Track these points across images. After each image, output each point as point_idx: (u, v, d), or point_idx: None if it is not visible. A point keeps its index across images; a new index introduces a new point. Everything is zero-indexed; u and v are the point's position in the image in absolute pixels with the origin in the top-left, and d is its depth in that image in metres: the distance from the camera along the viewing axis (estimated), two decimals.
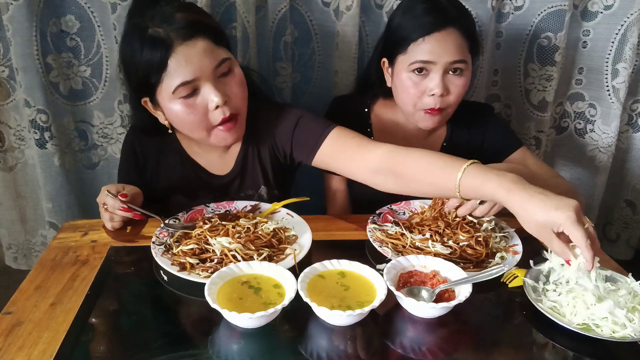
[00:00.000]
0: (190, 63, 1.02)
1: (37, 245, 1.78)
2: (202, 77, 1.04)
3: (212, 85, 1.05)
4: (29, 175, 1.66)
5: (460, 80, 1.22)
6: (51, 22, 1.44)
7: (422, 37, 1.19)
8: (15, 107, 1.56)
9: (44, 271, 0.98)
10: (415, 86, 1.23)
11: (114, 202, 1.09)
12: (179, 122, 1.11)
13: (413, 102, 1.25)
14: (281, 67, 1.58)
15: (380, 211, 1.21)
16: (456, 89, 1.22)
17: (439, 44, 1.18)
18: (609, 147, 1.72)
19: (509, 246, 1.08)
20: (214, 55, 1.05)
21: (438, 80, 1.20)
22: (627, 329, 0.81)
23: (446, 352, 0.81)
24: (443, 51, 1.18)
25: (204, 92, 1.06)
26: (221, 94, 1.06)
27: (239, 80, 1.11)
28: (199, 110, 1.07)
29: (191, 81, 1.04)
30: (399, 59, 1.24)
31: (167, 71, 1.03)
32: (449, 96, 1.23)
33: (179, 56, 1.02)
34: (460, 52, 1.20)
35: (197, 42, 1.03)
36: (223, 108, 1.07)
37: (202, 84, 1.05)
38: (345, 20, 1.49)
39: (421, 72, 1.21)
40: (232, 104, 1.09)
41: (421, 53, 1.19)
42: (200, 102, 1.06)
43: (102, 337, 0.83)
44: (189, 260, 0.97)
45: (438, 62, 1.19)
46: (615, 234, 1.95)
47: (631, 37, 1.55)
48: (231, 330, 0.83)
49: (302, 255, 1.01)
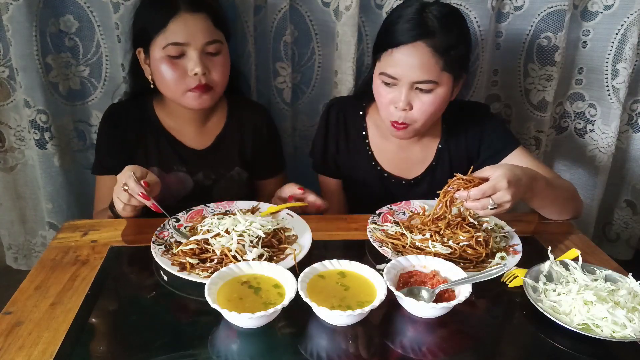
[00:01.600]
0: (186, 29, 1.17)
1: (37, 246, 1.78)
2: (192, 44, 1.18)
3: (198, 55, 1.19)
4: (29, 175, 1.66)
5: (427, 98, 1.16)
6: (50, 22, 1.44)
7: (390, 48, 1.15)
8: (15, 108, 1.56)
9: (44, 271, 0.98)
10: (384, 96, 1.20)
11: (135, 186, 1.07)
12: (160, 76, 1.22)
13: (384, 110, 1.23)
14: (281, 67, 1.58)
15: (380, 211, 1.21)
16: (421, 106, 1.17)
17: (404, 59, 1.14)
18: (609, 147, 1.71)
19: (509, 246, 1.08)
20: (209, 32, 1.20)
21: (402, 96, 1.16)
22: (627, 329, 0.81)
23: (446, 352, 0.81)
24: (407, 67, 1.13)
25: (189, 57, 1.20)
26: (203, 64, 1.20)
27: (222, 62, 1.24)
28: (179, 70, 1.20)
29: (181, 44, 1.18)
30: (376, 64, 1.22)
31: (166, 29, 1.18)
32: (412, 112, 1.18)
33: (180, 21, 1.17)
34: (425, 70, 1.13)
35: (200, 15, 1.19)
36: (200, 77, 1.20)
37: (189, 51, 1.19)
38: (345, 20, 1.49)
39: (388, 85, 1.19)
40: (210, 77, 1.22)
41: (387, 66, 1.16)
42: (182, 64, 1.20)
43: (102, 337, 0.83)
44: (189, 260, 0.97)
45: (400, 79, 1.15)
46: (615, 234, 1.95)
47: (631, 37, 1.55)
48: (231, 330, 0.83)
49: (302, 255, 1.01)
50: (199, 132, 1.36)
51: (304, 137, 1.71)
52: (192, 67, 1.19)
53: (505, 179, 0.99)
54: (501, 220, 1.17)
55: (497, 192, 1.00)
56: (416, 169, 1.37)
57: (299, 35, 1.57)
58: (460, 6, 1.54)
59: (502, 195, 1.00)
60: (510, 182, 1.00)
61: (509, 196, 0.99)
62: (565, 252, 1.06)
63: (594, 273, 0.96)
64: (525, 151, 1.32)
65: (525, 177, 1.05)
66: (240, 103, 1.42)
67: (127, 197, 1.09)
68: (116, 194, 1.11)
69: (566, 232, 1.18)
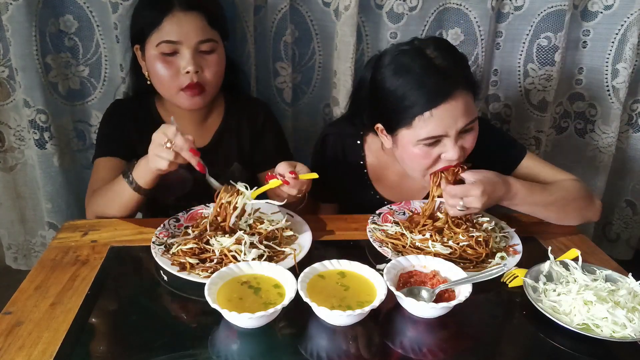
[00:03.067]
0: (179, 27, 1.18)
1: (37, 246, 1.78)
2: (184, 43, 1.19)
3: (191, 54, 1.19)
4: (28, 175, 1.66)
5: (472, 134, 1.12)
6: (50, 22, 1.44)
7: (428, 111, 1.05)
8: (15, 107, 1.56)
9: (44, 271, 0.98)
10: (427, 156, 1.11)
11: (183, 142, 1.01)
12: (154, 73, 1.23)
13: (426, 169, 1.15)
14: (281, 67, 1.58)
15: (380, 211, 1.21)
16: (470, 144, 1.13)
17: (447, 114, 1.06)
18: (609, 147, 1.72)
19: (509, 246, 1.08)
20: (203, 31, 1.20)
21: (454, 148, 1.08)
22: (627, 329, 0.81)
23: (446, 352, 0.81)
24: (452, 121, 1.06)
25: (182, 55, 1.20)
26: (195, 63, 1.20)
27: (216, 61, 1.24)
28: (172, 68, 1.20)
29: (174, 42, 1.18)
30: (402, 132, 1.11)
31: (160, 28, 1.18)
32: (464, 153, 1.13)
33: (173, 19, 1.18)
34: (470, 112, 1.09)
35: (194, 14, 1.19)
36: (193, 75, 1.20)
37: (182, 49, 1.19)
38: (344, 20, 1.48)
39: (432, 144, 1.10)
40: (202, 75, 1.22)
41: (430, 128, 1.07)
42: (176, 62, 1.20)
43: (102, 337, 0.83)
44: (189, 260, 0.97)
45: (450, 133, 1.08)
46: (615, 234, 1.95)
47: (631, 37, 1.55)
48: (231, 330, 0.83)
49: (302, 255, 1.01)
50: (198, 129, 1.36)
51: (304, 137, 1.71)
52: (185, 65, 1.19)
53: (480, 188, 1.04)
54: (501, 221, 1.17)
55: (469, 197, 1.05)
56: (417, 196, 1.33)
57: (299, 35, 1.57)
58: (460, 6, 1.54)
59: (472, 201, 1.05)
60: (484, 191, 1.04)
61: (479, 204, 1.05)
62: (565, 252, 1.06)
63: (594, 273, 0.96)
64: (533, 157, 1.29)
65: (503, 188, 1.09)
66: (239, 99, 1.42)
67: (173, 154, 1.02)
68: (156, 152, 1.03)
69: (566, 232, 1.18)
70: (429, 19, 1.55)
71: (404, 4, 1.52)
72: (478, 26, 1.55)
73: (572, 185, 1.19)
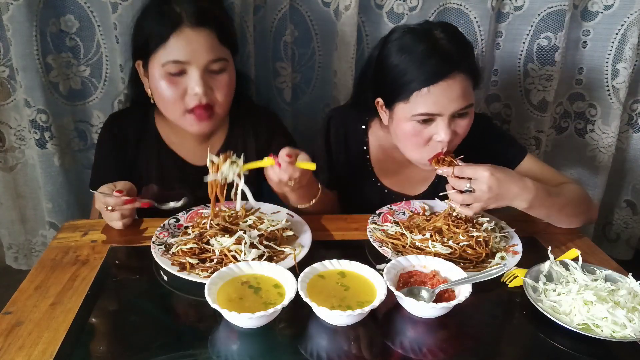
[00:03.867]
0: (188, 46, 1.10)
1: (37, 245, 1.78)
2: (193, 63, 1.11)
3: (199, 74, 1.12)
4: (29, 175, 1.66)
5: (466, 121, 1.14)
6: (51, 22, 1.44)
7: (426, 87, 1.08)
8: (15, 107, 1.56)
9: (44, 271, 0.98)
10: (419, 134, 1.13)
11: (115, 200, 1.07)
12: (158, 94, 1.17)
13: (418, 150, 1.17)
14: (281, 67, 1.58)
15: (380, 211, 1.21)
16: (462, 130, 1.14)
17: (444, 94, 1.08)
18: (609, 147, 1.72)
19: (509, 246, 1.08)
20: (213, 50, 1.12)
21: (445, 129, 1.10)
22: (627, 329, 0.81)
23: (446, 352, 0.81)
24: (449, 101, 1.08)
25: (190, 76, 1.12)
26: (204, 84, 1.13)
27: (226, 81, 1.17)
28: (179, 89, 1.13)
29: (182, 62, 1.11)
30: (399, 106, 1.13)
31: (166, 44, 1.10)
32: (455, 138, 1.15)
33: (181, 36, 1.10)
34: (467, 97, 1.10)
35: (204, 31, 1.11)
36: (201, 96, 1.13)
37: (190, 69, 1.12)
38: (344, 20, 1.49)
39: (425, 122, 1.12)
40: (211, 96, 1.15)
41: (425, 105, 1.09)
42: (182, 82, 1.13)
43: (102, 337, 0.83)
44: (189, 260, 0.97)
45: (444, 113, 1.10)
46: (615, 234, 1.95)
47: (631, 37, 1.55)
48: (231, 330, 0.83)
49: (302, 255, 1.01)
50: (201, 147, 1.29)
51: (304, 137, 1.71)
52: (193, 86, 1.12)
53: (489, 169, 1.04)
54: (501, 221, 1.17)
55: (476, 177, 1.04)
56: (418, 187, 1.35)
57: (299, 35, 1.57)
58: (460, 6, 1.54)
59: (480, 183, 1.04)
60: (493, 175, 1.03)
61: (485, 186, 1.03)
62: (565, 252, 1.06)
63: (594, 273, 0.96)
64: (533, 157, 1.29)
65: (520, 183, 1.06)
66: (243, 111, 1.33)
67: (118, 214, 1.09)
68: (109, 221, 1.12)
69: (566, 232, 1.18)
70: (429, 19, 1.55)
71: (404, 4, 1.52)
72: (478, 26, 1.55)
73: (576, 188, 1.20)
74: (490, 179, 1.03)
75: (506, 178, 1.05)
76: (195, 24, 1.10)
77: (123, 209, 1.09)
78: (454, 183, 1.08)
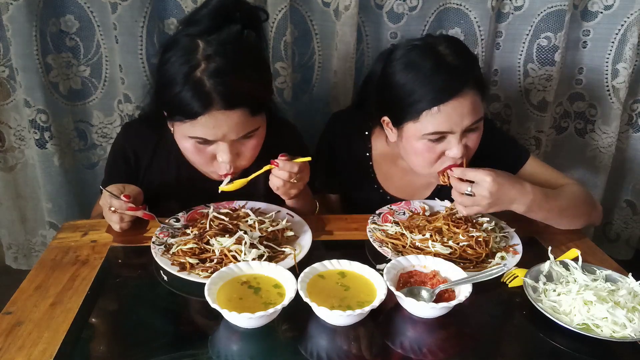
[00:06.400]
0: (218, 129, 1.03)
1: (37, 245, 1.78)
2: (222, 141, 1.06)
3: (228, 147, 1.06)
4: (29, 175, 1.66)
5: (477, 134, 1.13)
6: (51, 22, 1.44)
7: (436, 107, 1.06)
8: (15, 107, 1.56)
9: (44, 271, 0.98)
10: (432, 151, 1.12)
11: (120, 203, 1.07)
12: (183, 151, 1.13)
13: (430, 166, 1.15)
14: (281, 67, 1.58)
15: (380, 211, 1.21)
16: (474, 143, 1.13)
17: (455, 112, 1.06)
18: (609, 147, 1.72)
19: (509, 246, 1.08)
20: (244, 127, 1.06)
21: (458, 145, 1.09)
22: (627, 329, 0.81)
23: (446, 352, 0.81)
24: (460, 118, 1.07)
25: (218, 148, 1.07)
26: (233, 154, 1.08)
27: (255, 145, 1.11)
28: (206, 156, 1.09)
29: (210, 141, 1.06)
30: (408, 125, 1.12)
31: (195, 122, 1.02)
32: (468, 152, 1.13)
33: (211, 119, 1.01)
34: (477, 111, 1.09)
35: (235, 113, 1.02)
36: (229, 165, 1.09)
37: (219, 143, 1.07)
38: (344, 20, 1.49)
39: (437, 140, 1.11)
40: (239, 162, 1.11)
41: (436, 124, 1.08)
42: (210, 150, 1.08)
43: (102, 337, 0.83)
44: (189, 260, 0.97)
45: (456, 131, 1.08)
46: (615, 234, 1.95)
47: (631, 37, 1.55)
48: (231, 330, 0.83)
49: (302, 255, 1.01)
50: None
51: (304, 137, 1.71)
52: (222, 157, 1.07)
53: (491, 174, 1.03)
54: (501, 221, 1.17)
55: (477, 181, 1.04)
56: (421, 193, 1.34)
57: (299, 35, 1.57)
58: (460, 6, 1.54)
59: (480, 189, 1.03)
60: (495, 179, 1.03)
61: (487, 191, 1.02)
62: (565, 252, 1.06)
63: (594, 273, 0.96)
64: (536, 160, 1.28)
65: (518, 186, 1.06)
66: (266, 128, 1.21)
67: (118, 217, 1.09)
68: (108, 220, 1.12)
69: (566, 232, 1.18)
70: (429, 19, 1.55)
71: (404, 4, 1.52)
72: (478, 26, 1.55)
73: (578, 190, 1.19)
74: (492, 184, 1.02)
75: (506, 183, 1.04)
76: (227, 107, 1.01)
77: (125, 214, 1.09)
78: (455, 185, 1.08)
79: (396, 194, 1.35)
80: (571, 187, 1.19)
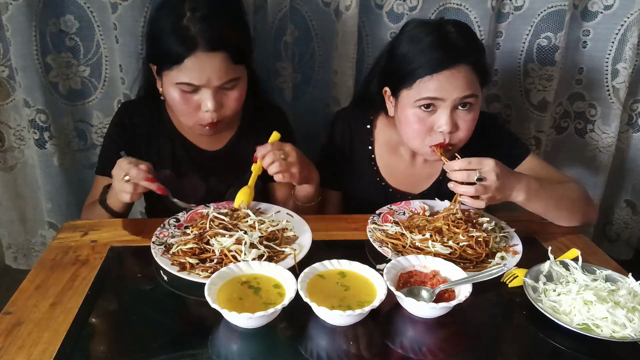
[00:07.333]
0: (202, 72, 1.11)
1: (37, 245, 1.78)
2: (206, 85, 1.13)
3: (212, 94, 1.14)
4: (28, 175, 1.66)
5: (470, 115, 1.15)
6: (50, 22, 1.44)
7: (429, 75, 1.11)
8: (14, 107, 1.56)
9: (44, 271, 0.98)
10: (422, 122, 1.15)
11: (138, 173, 1.05)
12: (171, 102, 1.19)
13: (420, 138, 1.18)
14: (282, 67, 1.58)
15: (380, 211, 1.21)
16: (465, 124, 1.15)
17: (447, 81, 1.11)
18: (609, 147, 1.72)
19: (509, 246, 1.08)
20: (226, 73, 1.13)
21: (446, 117, 1.12)
22: (627, 329, 0.81)
23: (446, 352, 0.81)
24: (452, 88, 1.11)
25: (202, 95, 1.15)
26: (217, 102, 1.15)
27: (237, 96, 1.19)
28: (191, 104, 1.16)
29: (195, 85, 1.13)
30: (403, 93, 1.16)
31: (181, 66, 1.11)
32: (458, 132, 1.15)
33: (196, 61, 1.10)
34: (470, 86, 1.12)
35: (217, 55, 1.11)
36: (213, 114, 1.15)
37: (203, 89, 1.14)
38: (344, 20, 1.49)
39: (428, 108, 1.14)
40: (223, 112, 1.18)
41: (428, 90, 1.12)
42: (196, 99, 1.15)
43: (102, 337, 0.83)
44: (189, 260, 0.97)
45: (446, 98, 1.11)
46: (615, 234, 1.95)
47: (631, 37, 1.55)
48: (231, 330, 0.83)
49: (302, 255, 1.01)
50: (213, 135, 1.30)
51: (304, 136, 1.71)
52: (206, 105, 1.14)
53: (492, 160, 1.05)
54: (501, 221, 1.17)
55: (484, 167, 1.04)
56: (422, 184, 1.35)
57: (299, 35, 1.57)
58: (460, 6, 1.54)
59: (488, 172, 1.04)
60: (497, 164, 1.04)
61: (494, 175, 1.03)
62: (565, 252, 1.06)
63: (594, 273, 0.96)
64: (536, 157, 1.30)
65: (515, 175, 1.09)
66: (256, 105, 1.35)
67: (132, 187, 1.07)
68: (119, 189, 1.09)
69: (566, 232, 1.18)
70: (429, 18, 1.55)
71: (404, 4, 1.52)
72: (478, 26, 1.55)
73: (575, 187, 1.21)
74: (497, 167, 1.04)
75: (506, 168, 1.08)
76: (210, 49, 1.09)
77: (140, 184, 1.07)
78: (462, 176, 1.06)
79: (397, 186, 1.36)
80: (569, 183, 1.22)
